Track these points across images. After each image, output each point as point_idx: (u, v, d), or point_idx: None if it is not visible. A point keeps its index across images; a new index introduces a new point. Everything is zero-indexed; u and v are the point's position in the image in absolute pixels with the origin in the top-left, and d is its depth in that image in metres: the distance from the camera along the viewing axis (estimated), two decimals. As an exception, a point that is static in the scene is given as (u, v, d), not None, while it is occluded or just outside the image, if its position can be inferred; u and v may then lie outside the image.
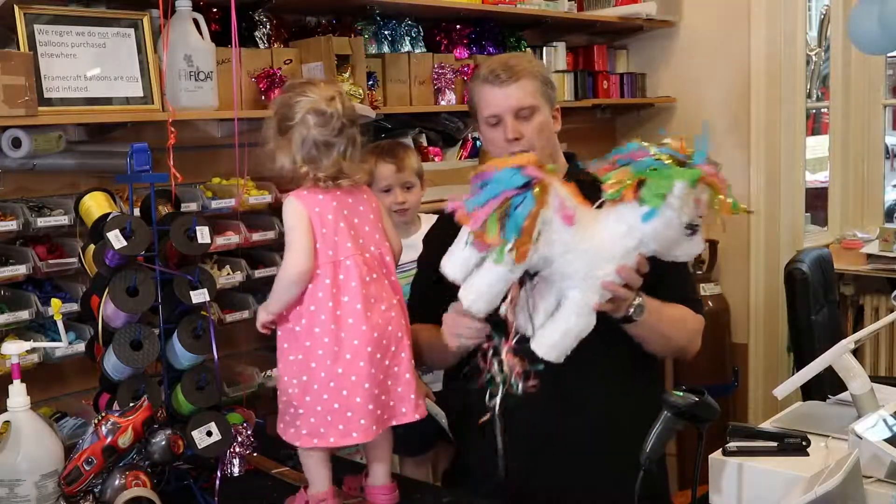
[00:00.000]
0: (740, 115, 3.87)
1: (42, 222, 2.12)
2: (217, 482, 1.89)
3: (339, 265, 1.71)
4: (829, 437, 1.68)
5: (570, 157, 2.07)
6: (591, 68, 3.82)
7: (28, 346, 1.83)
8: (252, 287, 2.56)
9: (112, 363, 1.85)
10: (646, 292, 1.73)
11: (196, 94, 2.31)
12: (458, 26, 3.25)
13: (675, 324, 1.88)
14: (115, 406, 1.84)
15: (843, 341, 1.79)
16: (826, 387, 2.03)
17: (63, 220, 2.14)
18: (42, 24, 2.10)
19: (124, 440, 1.72)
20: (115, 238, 1.79)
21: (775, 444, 1.62)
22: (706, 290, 3.82)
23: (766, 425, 1.77)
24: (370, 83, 2.82)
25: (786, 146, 3.85)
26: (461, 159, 3.22)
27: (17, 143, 2.11)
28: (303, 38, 2.75)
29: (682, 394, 1.54)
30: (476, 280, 1.54)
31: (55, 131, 2.14)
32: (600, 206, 1.58)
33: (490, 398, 1.64)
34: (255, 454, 2.04)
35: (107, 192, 2.02)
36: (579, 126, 3.92)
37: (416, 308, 1.95)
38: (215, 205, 2.40)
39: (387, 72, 2.91)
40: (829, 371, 1.80)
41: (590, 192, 1.60)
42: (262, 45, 2.67)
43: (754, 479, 1.57)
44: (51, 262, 2.13)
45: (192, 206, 2.32)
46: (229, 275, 2.47)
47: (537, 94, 1.93)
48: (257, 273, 2.52)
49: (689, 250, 1.58)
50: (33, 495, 1.68)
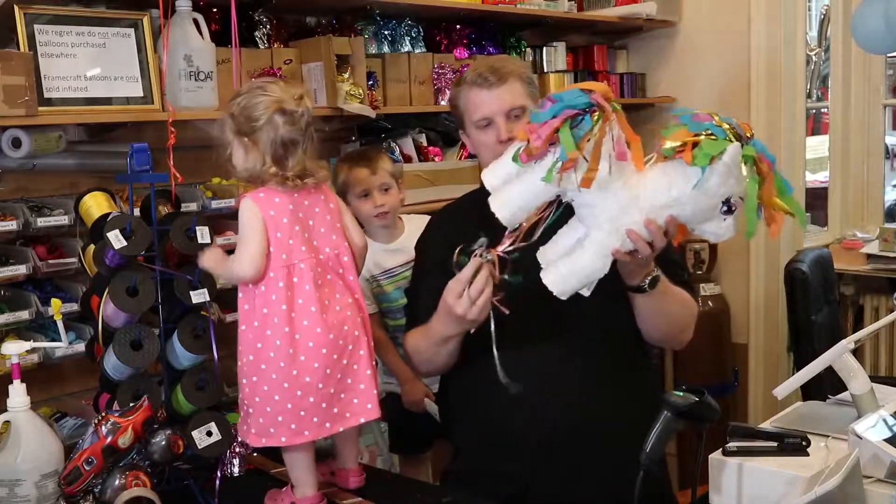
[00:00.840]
0: (740, 115, 3.83)
1: (42, 222, 2.12)
2: (217, 482, 1.89)
3: (293, 268, 1.72)
4: (829, 437, 1.67)
5: None
6: (591, 68, 3.82)
7: (28, 346, 1.83)
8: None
9: (112, 363, 1.85)
10: None
11: (196, 94, 2.31)
12: (458, 26, 3.25)
13: (680, 304, 1.88)
14: (115, 406, 1.84)
15: (843, 341, 1.79)
16: (826, 387, 2.03)
17: (63, 220, 2.14)
18: (42, 24, 2.10)
19: (124, 440, 1.71)
20: (116, 238, 1.79)
21: (775, 444, 1.61)
22: (706, 290, 3.82)
23: (766, 425, 1.77)
24: (370, 83, 2.82)
25: (786, 146, 3.85)
26: (461, 159, 3.21)
27: (17, 143, 2.11)
28: (303, 38, 2.75)
29: (682, 394, 1.53)
30: (509, 188, 1.55)
31: (55, 131, 2.15)
32: (647, 161, 1.57)
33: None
34: (255, 454, 2.04)
35: (107, 192, 2.02)
36: (579, 126, 3.93)
37: (429, 316, 1.93)
38: (215, 205, 2.40)
39: (387, 72, 2.91)
40: (829, 371, 1.79)
41: None
42: (262, 45, 2.67)
43: (754, 479, 1.57)
44: (51, 262, 2.13)
45: (192, 206, 2.32)
46: (229, 275, 2.47)
47: (525, 94, 1.93)
48: (257, 273, 2.51)
49: (717, 230, 1.55)
50: (33, 495, 1.68)
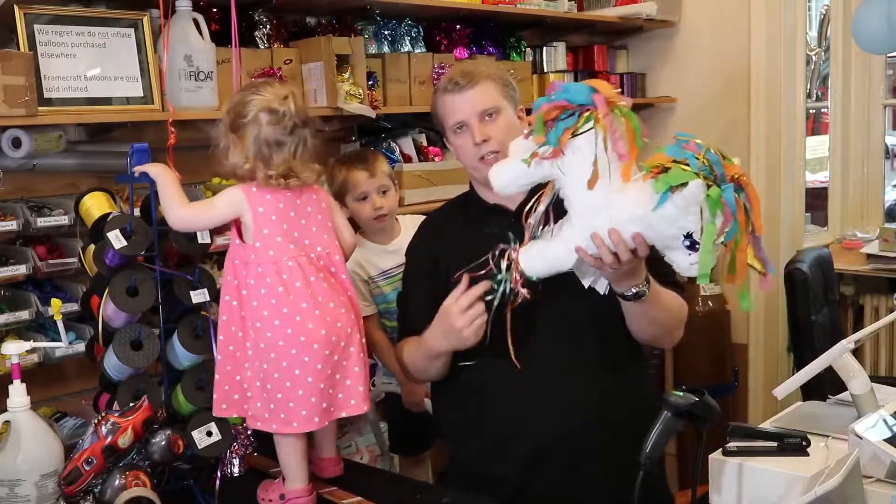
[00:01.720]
0: (740, 115, 3.86)
1: (42, 222, 2.12)
2: (217, 482, 1.89)
3: (281, 266, 1.74)
4: (829, 437, 1.67)
5: None
6: (591, 68, 3.82)
7: (28, 346, 1.83)
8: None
9: (112, 363, 1.85)
10: None
11: (196, 94, 2.31)
12: (458, 26, 3.25)
13: (668, 310, 1.88)
14: (115, 406, 1.84)
15: (843, 341, 1.79)
16: (826, 387, 2.03)
17: (63, 220, 2.14)
18: (42, 24, 2.10)
19: (124, 440, 1.72)
20: (116, 238, 1.79)
21: (775, 444, 1.61)
22: (706, 290, 3.81)
23: (766, 425, 1.77)
24: (370, 83, 2.82)
25: (786, 146, 3.85)
26: (460, 160, 3.21)
27: (17, 143, 2.11)
28: (303, 38, 2.75)
29: (682, 394, 1.53)
30: (506, 162, 1.65)
31: (55, 131, 2.15)
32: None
33: (488, 293, 1.71)
34: (255, 454, 2.04)
35: (107, 192, 2.02)
36: (579, 126, 3.93)
37: (419, 319, 1.96)
38: (215, 205, 2.40)
39: (387, 72, 2.91)
40: (829, 371, 1.79)
41: None
42: (262, 45, 2.67)
43: (754, 479, 1.57)
44: (51, 262, 2.13)
45: (192, 206, 2.32)
46: (229, 275, 2.47)
47: (498, 94, 1.93)
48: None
49: (682, 263, 1.55)
50: (33, 495, 1.68)
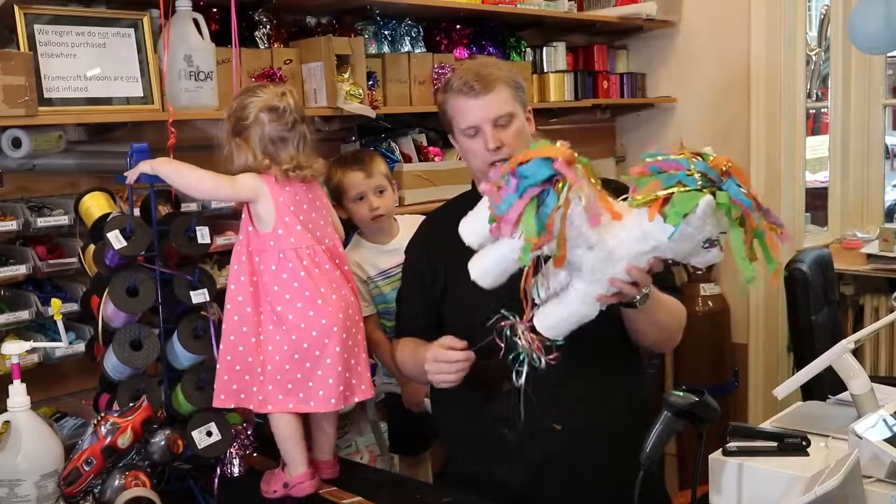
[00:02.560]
0: (740, 116, 3.86)
1: (42, 222, 2.12)
2: (217, 482, 1.89)
3: (301, 252, 1.83)
4: (829, 437, 1.67)
5: None
6: (591, 68, 3.82)
7: (28, 346, 1.83)
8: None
9: (112, 363, 1.85)
10: None
11: (196, 94, 2.31)
12: (458, 26, 3.24)
13: (669, 315, 1.88)
14: (115, 406, 1.84)
15: (843, 341, 1.79)
16: (826, 387, 2.03)
17: (63, 220, 2.14)
18: (42, 24, 2.10)
19: (124, 440, 1.72)
20: (116, 238, 1.79)
21: (775, 444, 1.61)
22: (706, 290, 3.82)
23: (766, 425, 1.77)
24: (370, 83, 2.82)
25: (786, 146, 3.85)
26: (461, 159, 3.21)
27: (17, 143, 2.11)
28: (303, 38, 2.75)
29: (682, 394, 1.53)
30: (486, 257, 1.58)
31: (55, 131, 2.14)
32: (624, 199, 1.57)
33: (517, 376, 1.66)
34: (255, 454, 2.04)
35: (107, 192, 2.02)
36: (579, 126, 3.93)
37: (413, 321, 1.98)
38: (215, 205, 2.40)
39: (387, 72, 2.91)
40: (829, 371, 1.79)
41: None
42: (262, 45, 2.67)
43: (754, 479, 1.57)
44: (51, 262, 2.13)
45: (192, 207, 2.31)
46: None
47: (511, 100, 1.92)
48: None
49: (705, 260, 1.56)
50: (33, 495, 1.68)
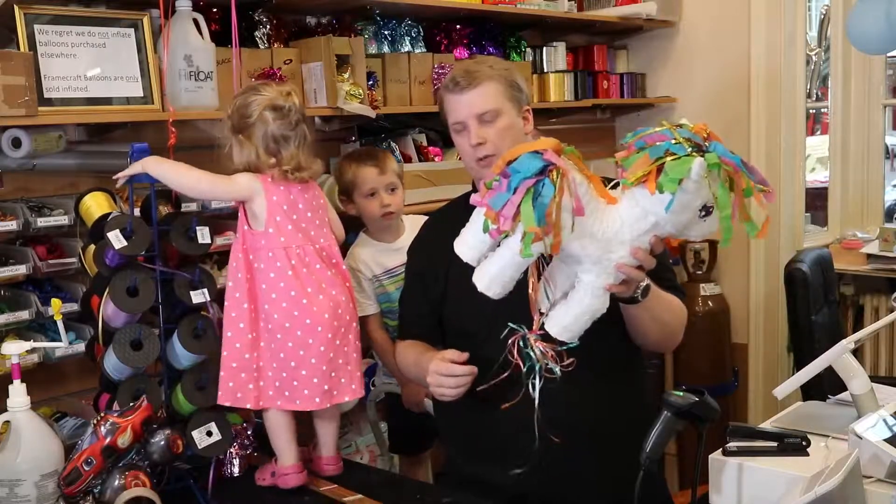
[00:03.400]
0: (740, 115, 3.86)
1: (42, 222, 2.11)
2: (217, 482, 1.89)
3: (290, 252, 1.86)
4: (829, 437, 1.67)
5: None
6: (591, 68, 3.81)
7: (28, 346, 1.83)
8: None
9: (112, 363, 1.85)
10: None
11: (196, 94, 2.31)
12: (458, 26, 3.24)
13: (670, 311, 1.88)
14: (115, 406, 1.84)
15: (843, 341, 1.79)
16: (826, 387, 2.03)
17: (63, 220, 2.14)
18: (42, 24, 2.10)
19: (123, 440, 1.72)
20: (116, 238, 1.79)
21: (775, 444, 1.61)
22: (706, 290, 3.82)
23: (766, 425, 1.77)
24: (370, 83, 2.82)
25: (786, 146, 3.84)
26: (461, 159, 3.21)
27: (17, 143, 2.11)
28: (303, 38, 2.75)
29: (682, 394, 1.53)
30: (490, 265, 1.56)
31: (55, 131, 2.14)
32: (615, 186, 1.57)
33: (532, 389, 1.63)
34: (255, 454, 2.04)
35: (107, 192, 2.02)
36: (579, 126, 3.93)
37: (414, 322, 1.98)
38: (215, 205, 2.40)
39: (387, 72, 2.91)
40: (829, 371, 1.79)
41: None
42: (262, 45, 2.67)
43: (754, 479, 1.57)
44: (51, 262, 2.13)
45: (192, 207, 2.31)
46: (229, 275, 2.47)
47: (500, 96, 1.91)
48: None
49: (702, 230, 1.56)
50: (33, 495, 1.68)
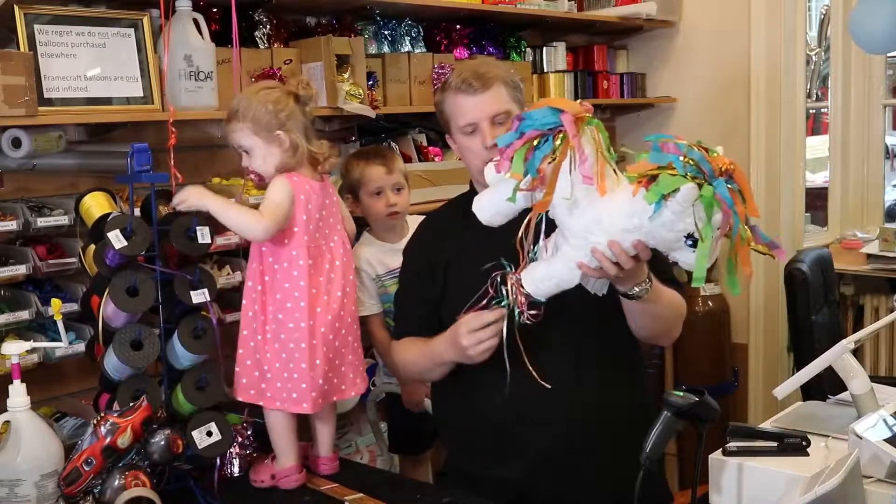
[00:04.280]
0: (740, 115, 3.86)
1: (42, 222, 2.11)
2: (217, 482, 1.89)
3: (310, 251, 1.87)
4: (829, 437, 1.68)
5: None
6: (591, 68, 3.81)
7: (28, 346, 1.83)
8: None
9: (112, 363, 1.85)
10: None
11: (196, 94, 2.31)
12: (458, 26, 3.24)
13: (669, 307, 1.88)
14: (115, 406, 1.84)
15: (843, 341, 1.79)
16: (826, 387, 2.03)
17: (63, 220, 2.14)
18: (42, 24, 2.10)
19: (123, 440, 1.72)
20: (116, 238, 1.79)
21: (775, 444, 1.62)
22: (706, 289, 3.81)
23: (766, 425, 1.77)
24: (370, 83, 2.82)
25: (786, 146, 3.84)
26: (462, 160, 3.21)
27: (17, 143, 2.11)
28: (303, 38, 2.75)
29: (682, 394, 1.53)
30: (488, 195, 1.66)
31: (55, 131, 2.14)
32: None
33: (510, 321, 1.71)
34: (255, 454, 2.04)
35: (107, 192, 2.02)
36: (579, 126, 3.92)
37: (413, 321, 1.98)
38: (215, 205, 2.40)
39: (387, 72, 2.91)
40: (829, 371, 1.80)
41: None
42: (262, 45, 2.67)
43: (754, 479, 1.57)
44: (51, 262, 2.12)
45: (192, 206, 2.32)
46: (229, 275, 2.47)
47: (509, 98, 1.93)
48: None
49: (687, 260, 1.55)
50: (33, 495, 1.68)
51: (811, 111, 5.08)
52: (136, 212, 1.95)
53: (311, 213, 1.88)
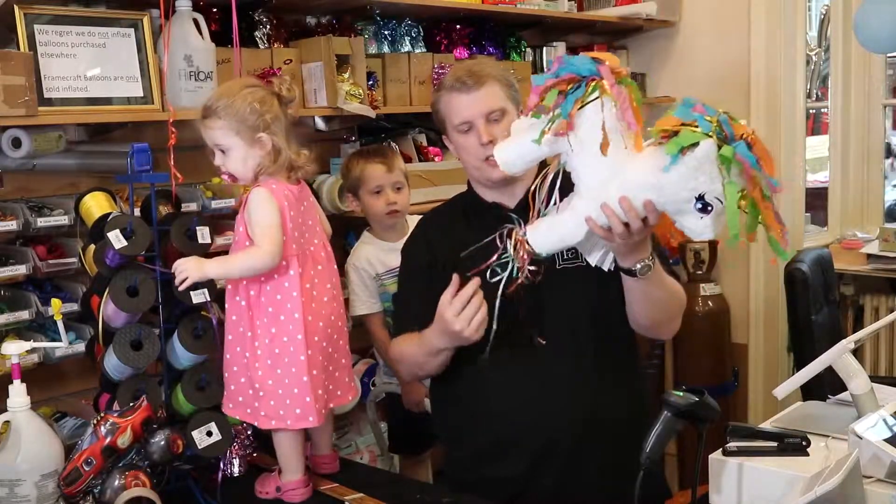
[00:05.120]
0: (740, 115, 3.83)
1: (42, 222, 2.12)
2: (217, 482, 1.89)
3: (297, 259, 1.80)
4: (829, 437, 1.67)
5: None
6: (591, 68, 3.81)
7: (28, 346, 1.83)
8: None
9: (112, 363, 1.85)
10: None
11: (196, 94, 2.31)
12: (458, 26, 3.25)
13: (670, 293, 1.88)
14: (115, 406, 1.84)
15: (843, 341, 1.79)
16: (826, 387, 2.03)
17: (63, 220, 2.14)
18: (42, 24, 2.10)
19: (123, 440, 1.72)
20: (116, 238, 1.79)
21: (775, 444, 1.61)
22: (706, 289, 3.81)
23: (766, 425, 1.77)
24: (370, 83, 2.82)
25: (786, 146, 3.85)
26: (461, 159, 3.21)
27: (17, 143, 2.11)
28: (303, 38, 2.75)
29: (682, 394, 1.53)
30: (511, 140, 1.63)
31: (55, 131, 2.14)
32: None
33: (492, 275, 1.70)
34: (255, 454, 2.04)
35: (107, 192, 2.02)
36: (579, 126, 3.92)
37: (412, 320, 1.98)
38: (215, 205, 2.40)
39: (387, 72, 2.91)
40: (829, 371, 1.79)
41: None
42: (262, 45, 2.67)
43: (754, 479, 1.57)
44: (51, 262, 2.13)
45: (192, 206, 2.32)
46: (229, 275, 2.47)
47: (504, 96, 1.93)
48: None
49: (694, 227, 1.54)
50: (33, 495, 1.68)
51: (811, 111, 5.07)
52: (136, 212, 1.95)
53: (294, 218, 1.80)
